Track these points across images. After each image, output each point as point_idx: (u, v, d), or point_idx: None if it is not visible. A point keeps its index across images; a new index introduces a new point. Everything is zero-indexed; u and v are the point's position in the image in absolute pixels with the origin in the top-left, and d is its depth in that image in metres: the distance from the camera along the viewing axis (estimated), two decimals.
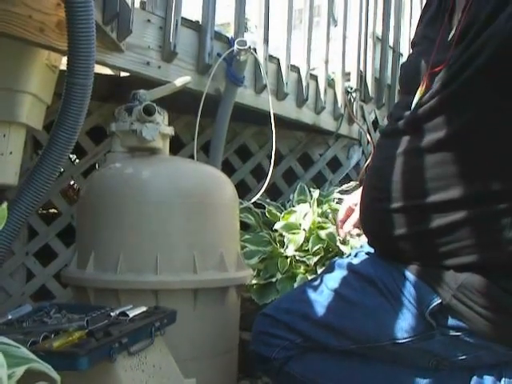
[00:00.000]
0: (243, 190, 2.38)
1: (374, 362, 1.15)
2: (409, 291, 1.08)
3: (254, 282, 1.79)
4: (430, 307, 1.05)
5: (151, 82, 1.79)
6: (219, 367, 1.46)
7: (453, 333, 1.06)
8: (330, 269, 1.23)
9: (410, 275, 1.09)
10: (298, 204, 2.11)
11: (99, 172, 1.56)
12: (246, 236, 1.93)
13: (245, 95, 2.14)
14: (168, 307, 1.21)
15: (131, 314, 1.10)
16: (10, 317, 1.11)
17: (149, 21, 1.81)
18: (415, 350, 1.09)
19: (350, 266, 1.19)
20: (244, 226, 2.00)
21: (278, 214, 2.07)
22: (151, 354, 1.08)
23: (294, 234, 1.92)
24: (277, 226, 1.97)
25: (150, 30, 1.82)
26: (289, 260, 1.85)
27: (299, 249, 1.88)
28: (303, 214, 1.99)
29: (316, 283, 1.21)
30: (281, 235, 1.96)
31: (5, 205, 0.50)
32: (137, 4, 1.75)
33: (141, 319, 1.09)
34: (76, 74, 1.23)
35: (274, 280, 1.81)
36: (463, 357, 1.07)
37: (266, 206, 2.14)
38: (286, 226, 1.96)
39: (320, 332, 1.15)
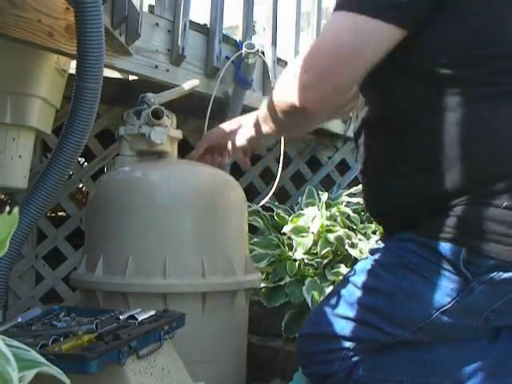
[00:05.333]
0: (252, 193, 2.37)
1: (432, 346, 1.14)
2: (435, 256, 1.08)
3: (262, 285, 1.78)
4: (461, 258, 1.05)
5: (159, 85, 1.80)
6: (228, 370, 1.46)
7: (487, 276, 1.05)
8: (352, 272, 1.20)
9: (426, 241, 1.09)
10: (307, 207, 2.11)
11: (108, 175, 1.56)
12: (255, 239, 1.92)
13: (253, 98, 2.14)
14: (177, 311, 1.21)
15: (140, 318, 1.10)
16: (19, 320, 1.11)
17: (157, 24, 1.82)
18: (463, 311, 1.08)
19: (371, 262, 1.17)
20: (252, 229, 1.99)
21: (287, 217, 2.06)
22: (160, 358, 1.08)
23: (302, 237, 1.92)
24: (285, 229, 1.97)
25: (159, 33, 1.82)
26: (297, 263, 1.84)
27: (308, 252, 1.87)
28: (312, 217, 1.98)
29: (343, 289, 1.18)
30: (289, 238, 1.95)
31: (16, 209, 0.50)
32: (145, 8, 1.76)
33: (150, 323, 1.09)
34: (86, 78, 1.24)
35: (282, 283, 1.80)
36: (504, 298, 1.07)
37: (275, 209, 2.13)
38: (295, 229, 1.95)
39: (368, 330, 1.13)
